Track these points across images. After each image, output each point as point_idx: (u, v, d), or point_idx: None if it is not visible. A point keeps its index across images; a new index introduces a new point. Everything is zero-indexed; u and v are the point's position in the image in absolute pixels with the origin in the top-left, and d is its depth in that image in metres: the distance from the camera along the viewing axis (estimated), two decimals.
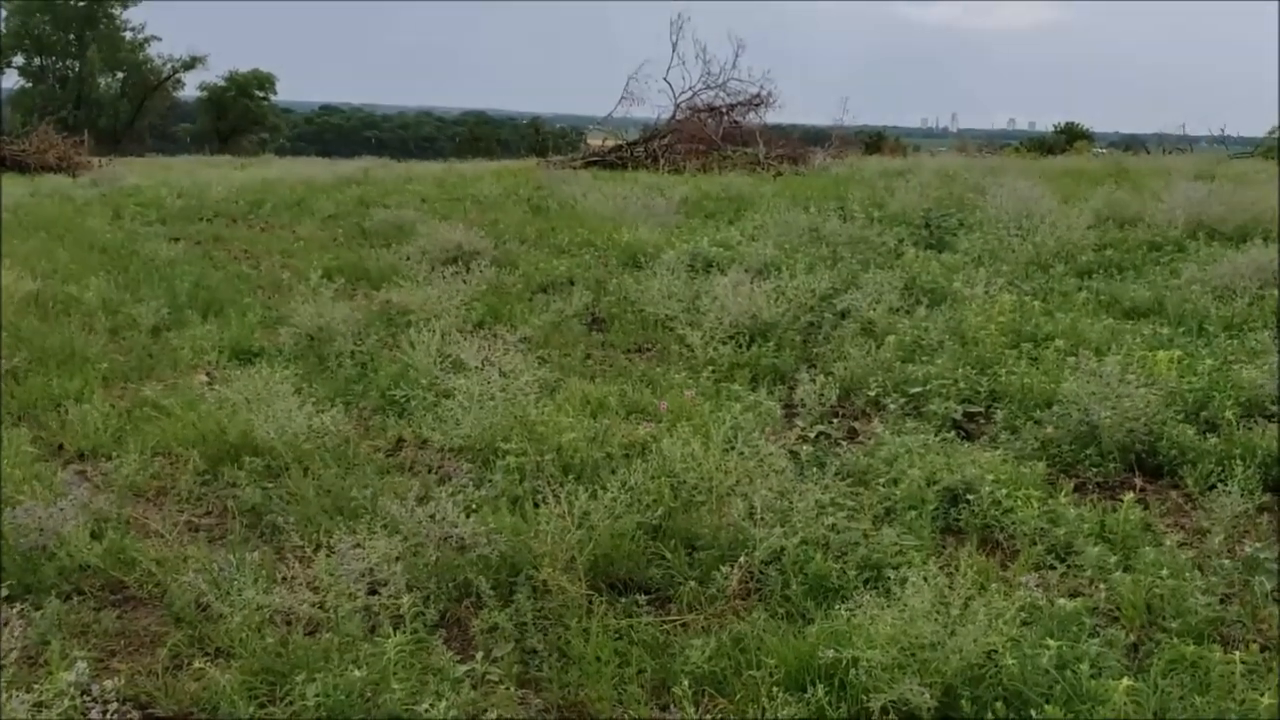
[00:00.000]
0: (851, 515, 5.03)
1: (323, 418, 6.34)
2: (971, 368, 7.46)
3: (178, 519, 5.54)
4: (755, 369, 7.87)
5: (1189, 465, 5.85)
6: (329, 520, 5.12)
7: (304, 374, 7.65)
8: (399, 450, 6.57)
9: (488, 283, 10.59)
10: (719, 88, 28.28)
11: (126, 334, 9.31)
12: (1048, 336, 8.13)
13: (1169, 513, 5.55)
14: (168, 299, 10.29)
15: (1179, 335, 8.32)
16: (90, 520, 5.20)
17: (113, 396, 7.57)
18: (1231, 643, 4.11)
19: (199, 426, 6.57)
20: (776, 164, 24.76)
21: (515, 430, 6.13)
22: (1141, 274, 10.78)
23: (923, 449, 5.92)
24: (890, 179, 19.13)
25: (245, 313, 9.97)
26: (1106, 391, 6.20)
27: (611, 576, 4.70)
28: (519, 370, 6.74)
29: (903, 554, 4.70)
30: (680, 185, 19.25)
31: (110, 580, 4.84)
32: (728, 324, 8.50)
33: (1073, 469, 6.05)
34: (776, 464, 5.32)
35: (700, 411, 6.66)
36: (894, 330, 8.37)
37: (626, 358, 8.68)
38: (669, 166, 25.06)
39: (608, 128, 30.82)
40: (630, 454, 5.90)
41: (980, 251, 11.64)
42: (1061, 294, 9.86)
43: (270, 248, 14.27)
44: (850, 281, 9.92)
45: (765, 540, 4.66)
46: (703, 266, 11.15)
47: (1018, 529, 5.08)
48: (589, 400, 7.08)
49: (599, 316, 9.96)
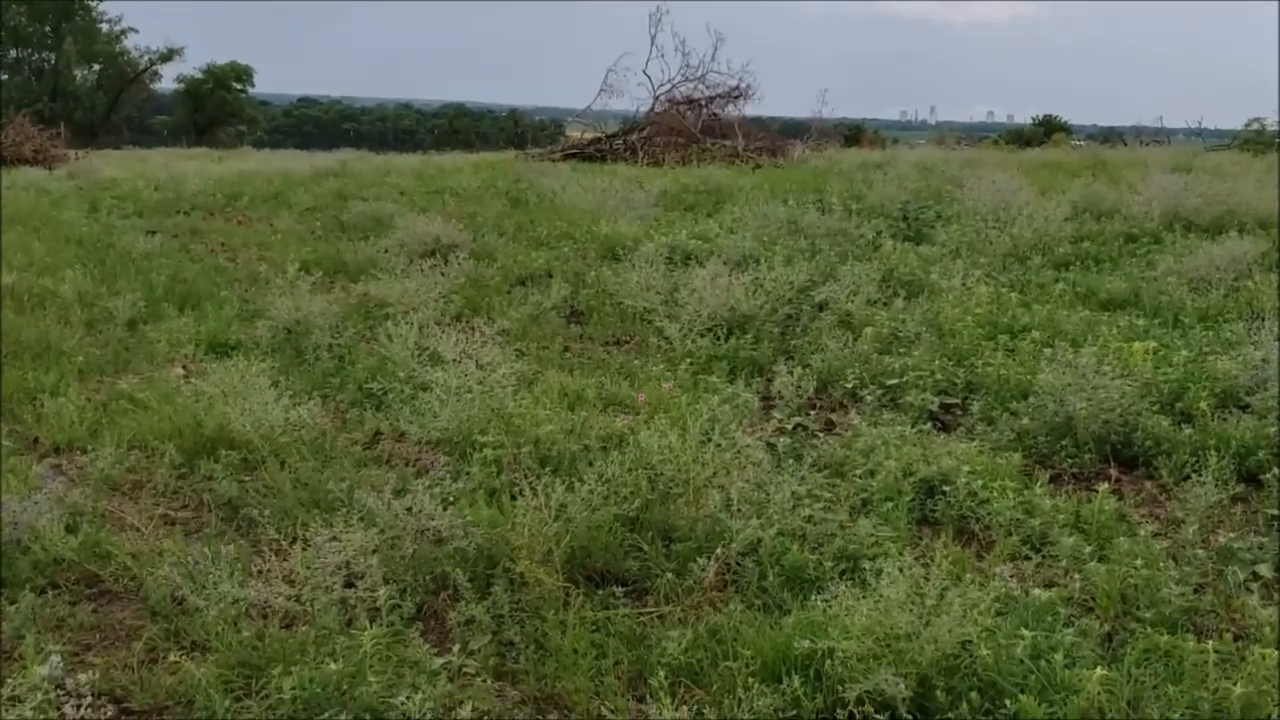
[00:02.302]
0: (828, 507, 5.03)
1: (299, 411, 6.32)
2: (948, 359, 7.49)
3: (154, 512, 5.51)
4: (733, 361, 7.88)
5: (1164, 456, 5.89)
6: (305, 513, 5.10)
7: (281, 367, 7.62)
8: (376, 443, 6.56)
9: (466, 275, 10.58)
10: (698, 80, 28.33)
11: (102, 327, 9.26)
12: (1024, 328, 8.16)
13: (1144, 503, 5.58)
14: (144, 292, 10.24)
15: (1155, 327, 8.37)
16: (66, 514, 5.19)
17: (88, 390, 7.54)
18: (1205, 632, 4.13)
19: (175, 420, 6.54)
20: (755, 156, 24.77)
21: (493, 423, 6.12)
22: (1118, 266, 10.84)
23: (899, 440, 5.93)
24: (868, 171, 19.16)
25: (222, 306, 9.94)
26: (1082, 383, 6.23)
27: (589, 569, 4.70)
28: (497, 363, 6.75)
29: (879, 545, 4.71)
30: (659, 178, 19.23)
31: (85, 574, 4.82)
32: (706, 316, 8.50)
33: (1048, 460, 6.08)
34: (754, 456, 5.34)
35: (678, 404, 6.67)
36: (871, 322, 8.39)
37: (604, 350, 8.68)
38: (648, 159, 25.08)
39: (586, 120, 30.79)
40: (608, 446, 5.90)
41: (958, 244, 11.68)
42: (1038, 286, 9.90)
43: (248, 240, 14.20)
44: (828, 274, 9.93)
45: (742, 532, 4.67)
46: (681, 259, 11.15)
47: (993, 520, 5.10)
48: (567, 393, 7.08)
49: (577, 309, 9.96)
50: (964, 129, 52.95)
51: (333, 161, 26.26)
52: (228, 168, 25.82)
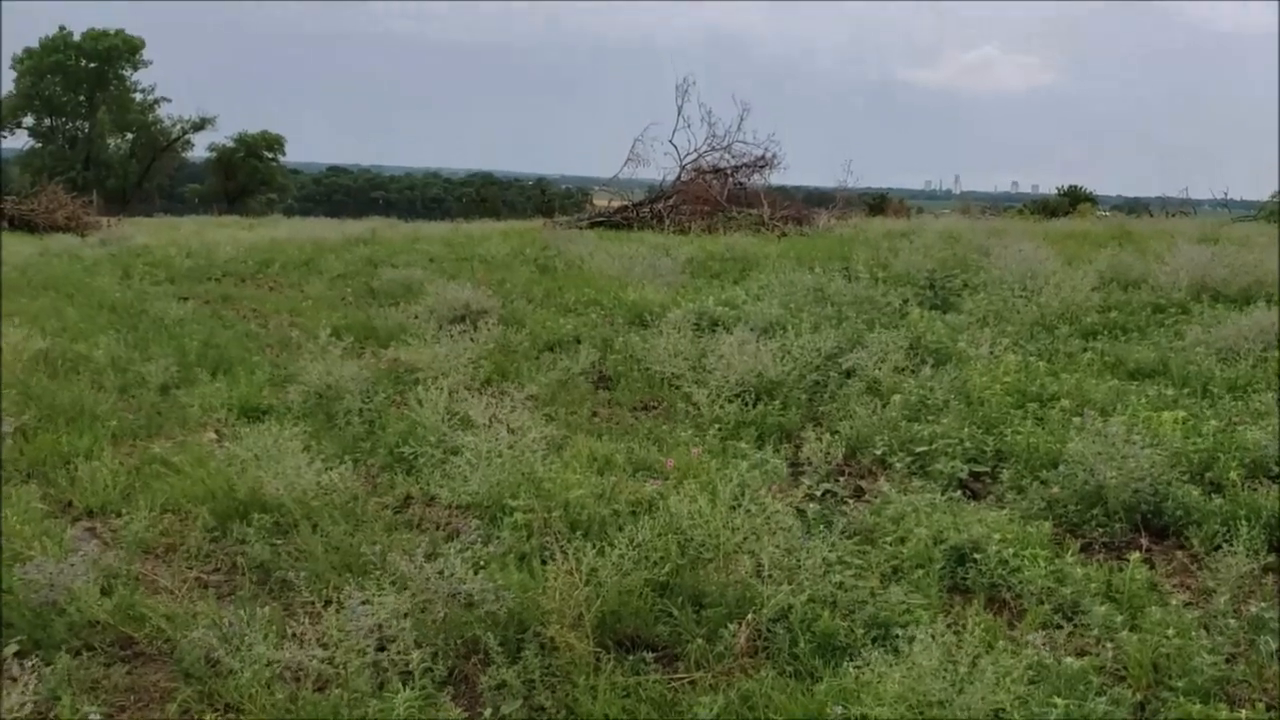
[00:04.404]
0: (859, 573, 5.04)
1: (331, 474, 6.38)
2: (977, 427, 7.49)
3: (187, 575, 5.56)
4: (761, 427, 7.90)
5: (1194, 525, 5.87)
6: (338, 576, 5.14)
7: (313, 431, 7.68)
8: (407, 507, 6.60)
9: (495, 341, 10.65)
10: (724, 150, 28.46)
11: (136, 392, 9.35)
12: (1053, 397, 8.16)
13: (1175, 572, 5.56)
14: (177, 357, 10.35)
15: (1183, 396, 8.34)
16: (100, 576, 5.23)
17: (122, 454, 7.61)
18: (1237, 702, 4.11)
19: (208, 483, 6.60)
20: (781, 225, 24.88)
21: (523, 487, 6.15)
22: (1146, 335, 10.81)
23: (929, 508, 5.93)
24: (894, 240, 19.21)
25: (254, 371, 10.02)
26: (1112, 452, 6.22)
27: (619, 633, 4.71)
28: (526, 427, 6.79)
29: (910, 612, 4.71)
30: (685, 245, 19.34)
31: (120, 636, 4.85)
32: (733, 382, 8.53)
33: (1079, 529, 6.06)
34: (783, 522, 5.35)
35: (707, 469, 6.69)
36: (899, 389, 8.40)
37: (633, 415, 8.71)
38: (674, 227, 25.20)
39: (613, 188, 31.01)
40: (637, 511, 5.92)
41: (985, 312, 11.68)
42: (1066, 355, 9.89)
43: (279, 307, 14.36)
44: (855, 341, 9.95)
45: (773, 598, 4.67)
46: (708, 325, 11.20)
47: (1025, 588, 5.09)
48: (596, 457, 7.11)
49: (605, 374, 10.01)
50: (988, 198, 53.10)
51: (363, 229, 26.50)
52: (259, 235, 26.10)
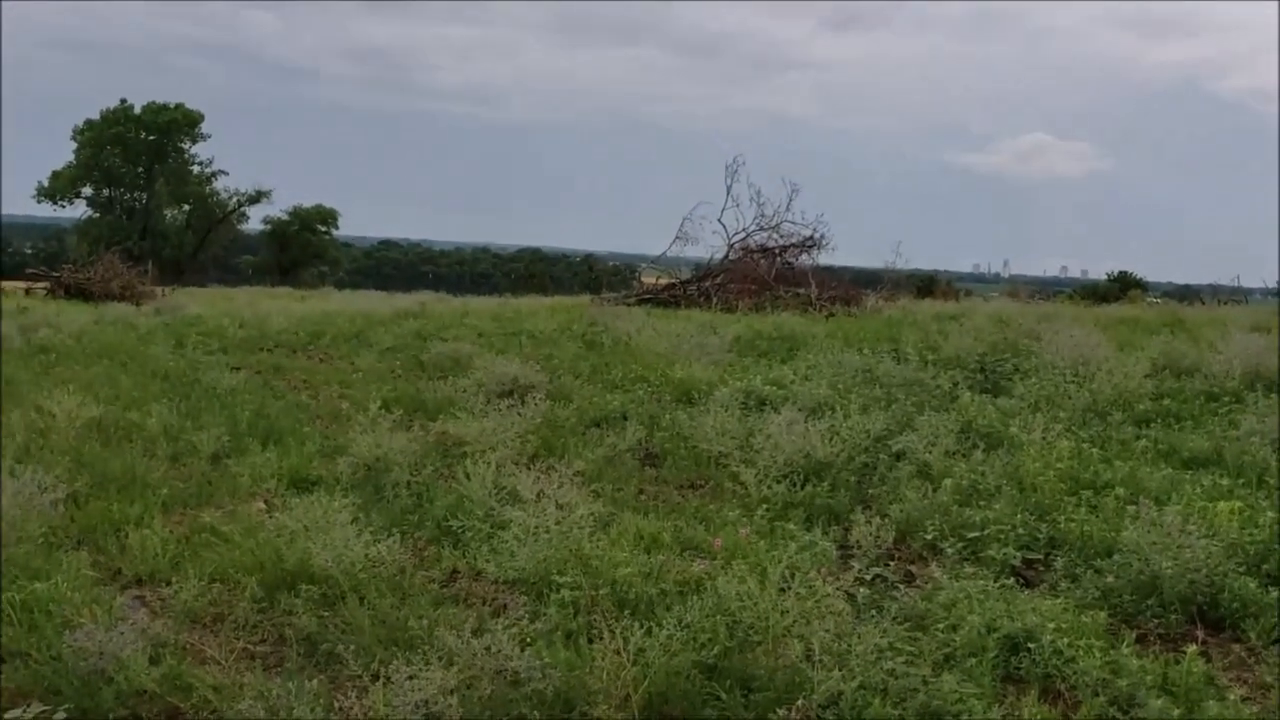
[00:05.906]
0: (910, 660, 4.97)
1: (379, 547, 6.39)
2: (1030, 514, 7.40)
3: (234, 646, 5.56)
4: (810, 508, 7.85)
5: (1251, 618, 5.77)
6: (385, 650, 5.13)
7: (361, 503, 7.70)
8: (454, 581, 6.59)
9: (542, 416, 10.67)
10: (772, 229, 28.56)
11: (187, 460, 9.44)
12: (1107, 484, 8.06)
13: (1232, 666, 5.45)
14: (228, 427, 10.43)
15: (1239, 486, 8.21)
16: (148, 645, 5.24)
17: (172, 522, 7.66)
18: None
19: (257, 554, 6.62)
20: (829, 305, 24.87)
21: (570, 564, 6.14)
22: (1200, 424, 10.67)
23: (982, 595, 5.85)
24: (944, 322, 19.14)
25: (304, 442, 10.09)
26: (1167, 541, 6.13)
27: (666, 715, 4.67)
28: (574, 503, 6.78)
29: (963, 701, 4.64)
30: (733, 324, 19.38)
31: (167, 706, 4.86)
32: (781, 462, 8.50)
33: (1134, 619, 5.95)
34: (834, 605, 5.29)
35: (755, 550, 6.65)
36: (950, 473, 8.32)
37: (680, 493, 8.69)
38: (721, 305, 25.27)
39: (661, 266, 31.15)
40: (685, 591, 5.88)
41: (1037, 397, 11.58)
42: (1120, 442, 9.77)
43: (329, 378, 14.48)
44: (905, 423, 9.90)
45: (823, 683, 4.61)
46: (756, 404, 11.18)
47: (1079, 679, 5.00)
48: (643, 535, 7.09)
49: (652, 452, 9.99)
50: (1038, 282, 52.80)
51: (412, 303, 26.77)
52: (311, 307, 26.42)
